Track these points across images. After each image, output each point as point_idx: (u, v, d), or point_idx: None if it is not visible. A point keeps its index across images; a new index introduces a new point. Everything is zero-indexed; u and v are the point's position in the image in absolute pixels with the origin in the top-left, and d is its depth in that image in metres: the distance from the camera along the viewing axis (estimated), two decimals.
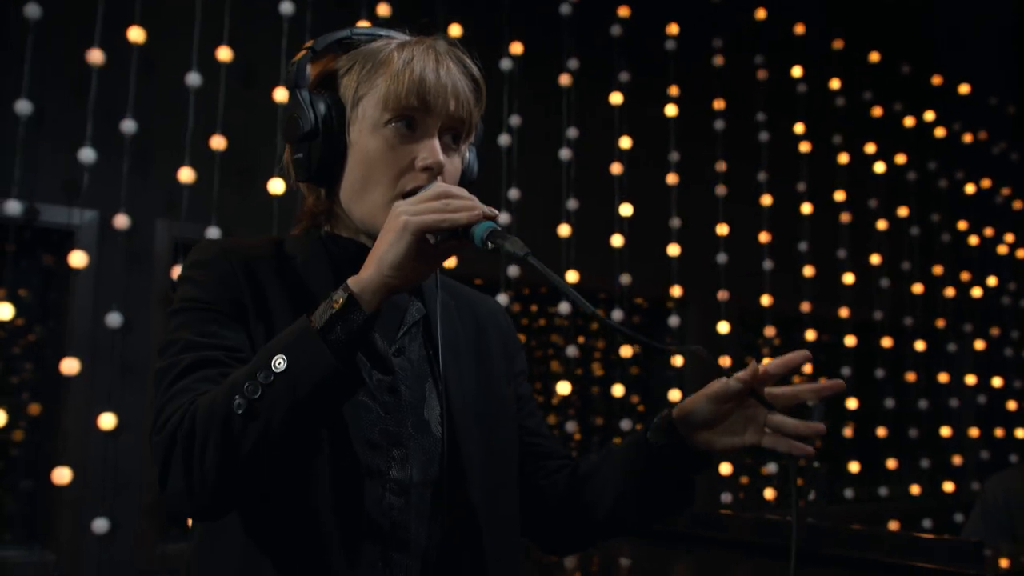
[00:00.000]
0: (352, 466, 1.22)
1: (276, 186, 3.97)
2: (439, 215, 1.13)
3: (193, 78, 3.89)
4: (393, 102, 1.26)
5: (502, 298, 4.27)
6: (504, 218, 4.49)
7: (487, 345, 1.46)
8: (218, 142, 3.96)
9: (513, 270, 4.32)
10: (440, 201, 1.15)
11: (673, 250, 5.01)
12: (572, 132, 4.76)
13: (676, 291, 5.00)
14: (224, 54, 3.96)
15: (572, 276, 4.61)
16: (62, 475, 3.57)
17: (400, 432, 1.29)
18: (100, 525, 3.60)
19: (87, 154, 3.70)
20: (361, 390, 1.22)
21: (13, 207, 3.61)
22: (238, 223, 4.00)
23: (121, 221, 3.80)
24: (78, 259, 3.71)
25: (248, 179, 4.13)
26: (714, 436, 1.30)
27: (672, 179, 5.07)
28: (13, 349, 3.94)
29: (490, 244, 1.14)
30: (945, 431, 6.00)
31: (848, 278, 5.70)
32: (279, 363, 1.08)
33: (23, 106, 3.65)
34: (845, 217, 5.79)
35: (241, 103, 4.07)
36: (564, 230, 4.67)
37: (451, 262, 3.57)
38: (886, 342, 5.77)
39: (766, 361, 1.22)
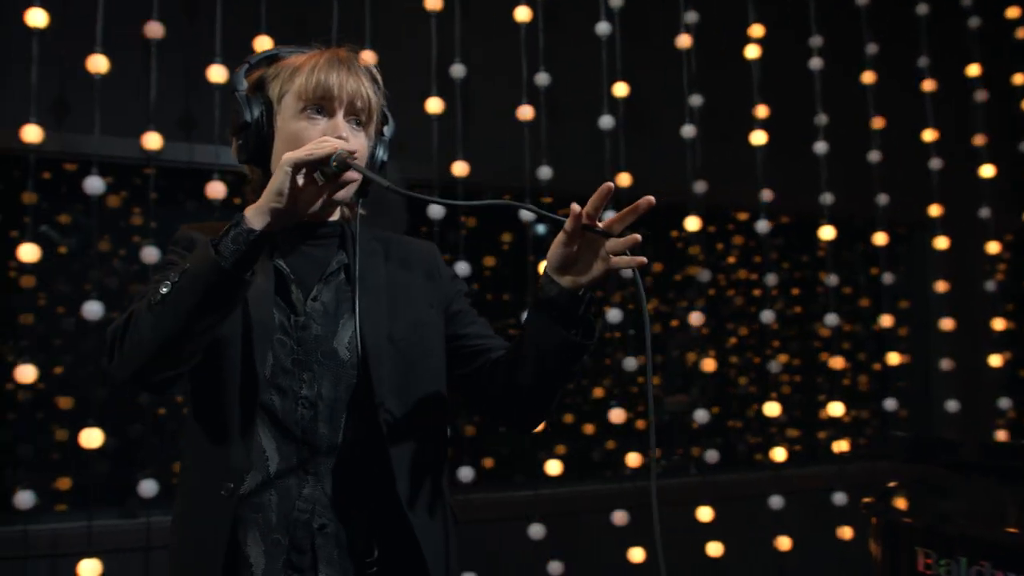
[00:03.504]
0: (267, 387, 1.61)
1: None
2: (305, 151, 1.49)
3: None
4: (304, 95, 1.65)
5: None
6: (760, 137, 4.13)
7: (409, 280, 1.78)
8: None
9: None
10: (312, 144, 1.51)
11: (935, 163, 4.54)
12: (816, 40, 4.34)
13: (935, 210, 4.55)
14: None
15: (828, 197, 4.22)
16: None
17: (308, 360, 1.65)
18: None
19: None
20: (277, 331, 1.64)
21: None
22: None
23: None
24: None
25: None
26: (577, 272, 1.57)
27: (929, 86, 4.59)
28: None
29: (335, 165, 1.49)
30: None
31: None
32: (183, 268, 1.46)
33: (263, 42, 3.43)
34: None
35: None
36: (820, 147, 4.27)
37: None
38: None
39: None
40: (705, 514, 3.94)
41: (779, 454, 4.11)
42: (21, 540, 3.16)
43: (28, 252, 3.13)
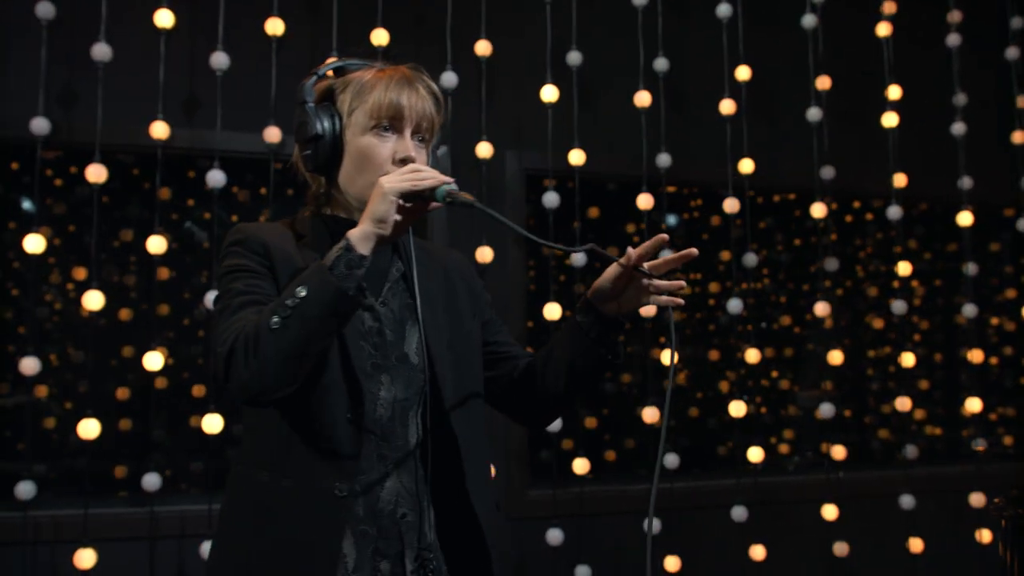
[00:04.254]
0: (354, 389, 1.68)
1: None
2: (410, 182, 1.58)
3: None
4: (375, 113, 1.72)
5: None
6: (891, 119, 3.94)
7: (454, 289, 1.91)
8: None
9: None
10: (411, 174, 1.60)
11: (1019, 137, 4.22)
12: (955, 15, 4.11)
13: None
14: None
15: (901, 179, 4.02)
16: None
17: (386, 364, 1.75)
18: None
19: (450, 78, 3.49)
20: (357, 334, 1.72)
21: None
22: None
23: (482, 150, 3.57)
24: None
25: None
26: (619, 305, 1.77)
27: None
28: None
29: (448, 199, 1.58)
30: None
31: None
32: (300, 292, 1.54)
33: (379, 35, 3.47)
34: None
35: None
36: (958, 128, 4.04)
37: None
38: None
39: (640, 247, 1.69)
40: (830, 512, 3.80)
41: (910, 451, 3.92)
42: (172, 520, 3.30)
43: (155, 244, 3.25)
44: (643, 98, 3.74)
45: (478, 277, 2.05)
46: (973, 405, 3.97)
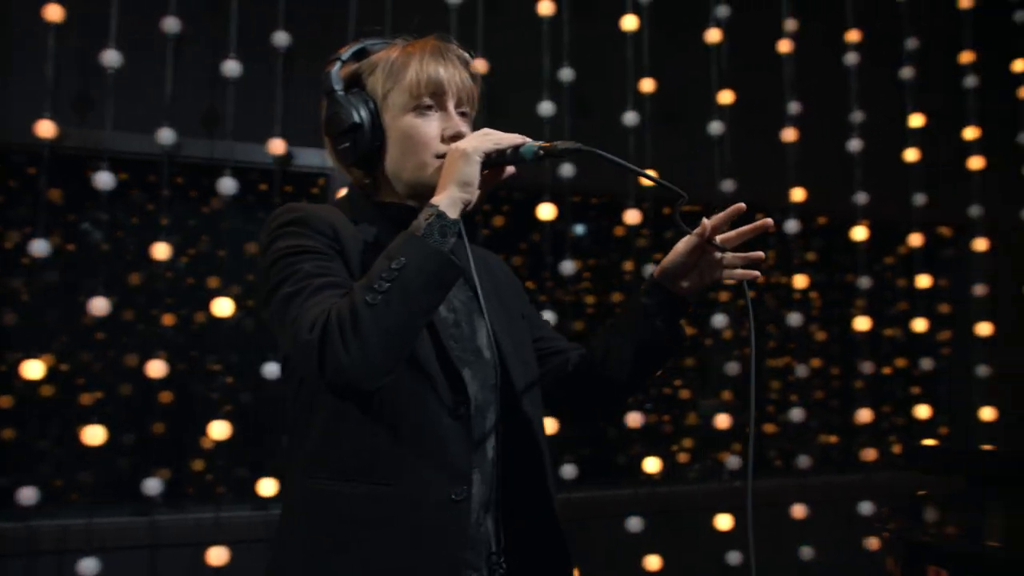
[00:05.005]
0: (455, 382, 1.55)
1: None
2: (492, 143, 1.49)
3: None
4: (416, 91, 1.60)
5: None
6: (790, 135, 4.01)
7: (502, 287, 1.81)
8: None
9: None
10: (487, 135, 1.51)
11: (976, 163, 4.38)
12: (853, 34, 4.22)
13: (975, 211, 4.40)
14: None
15: (799, 194, 4.11)
16: None
17: (466, 358, 1.61)
18: None
19: None
20: (440, 323, 1.57)
21: (275, 146, 3.38)
22: None
23: None
24: None
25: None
26: (689, 282, 1.67)
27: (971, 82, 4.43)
28: None
29: (541, 152, 1.48)
30: None
31: None
32: (396, 263, 1.40)
33: (281, 38, 3.40)
34: None
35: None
36: (855, 144, 4.14)
37: None
38: None
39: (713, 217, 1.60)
40: (725, 521, 3.85)
41: (803, 461, 4.00)
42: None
43: (39, 247, 3.13)
44: (547, 107, 3.74)
45: (515, 274, 1.94)
46: (864, 416, 4.06)
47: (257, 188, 3.69)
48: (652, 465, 3.77)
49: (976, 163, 4.41)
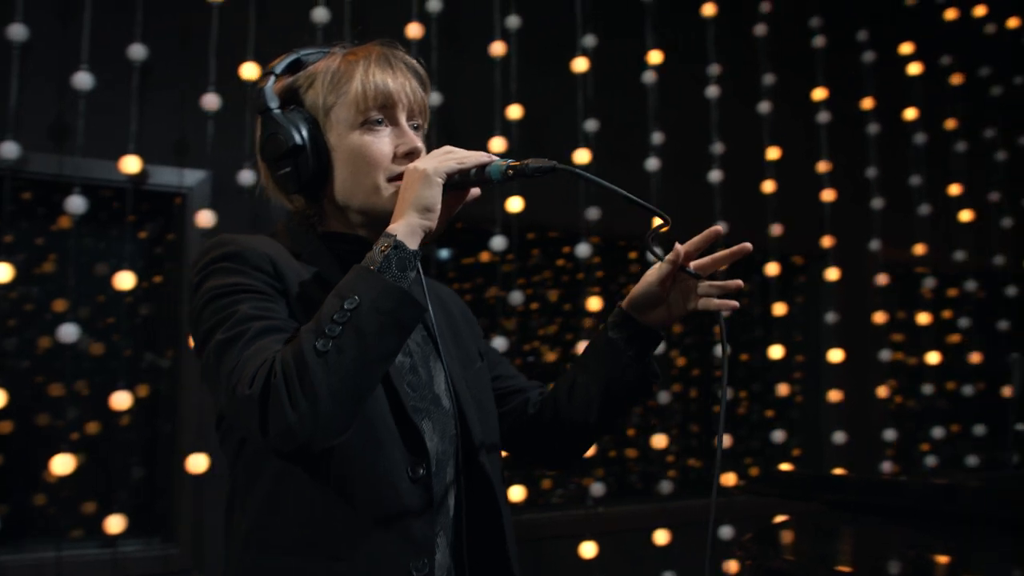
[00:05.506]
0: (412, 439, 1.39)
1: None
2: (455, 162, 1.35)
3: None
4: (363, 105, 1.44)
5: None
6: (653, 164, 4.09)
7: (455, 322, 1.65)
8: None
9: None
10: (449, 154, 1.37)
11: (828, 195, 4.55)
12: (714, 68, 4.33)
13: (827, 241, 4.57)
14: None
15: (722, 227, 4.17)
16: (197, 463, 3.20)
17: (424, 408, 1.45)
18: None
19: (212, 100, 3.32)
20: (392, 372, 1.39)
21: (129, 164, 3.24)
22: None
23: (245, 178, 3.41)
24: (205, 219, 3.32)
25: None
26: (661, 313, 1.55)
27: (824, 117, 4.61)
28: (132, 322, 3.56)
29: (510, 172, 1.35)
30: None
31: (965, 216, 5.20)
32: (349, 303, 1.23)
33: (137, 51, 3.27)
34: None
35: None
36: (715, 175, 4.25)
37: None
38: (1011, 290, 5.26)
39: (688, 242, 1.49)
40: (589, 549, 3.86)
41: (665, 487, 4.05)
42: None
43: None
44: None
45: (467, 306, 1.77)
46: (724, 440, 4.15)
47: (110, 207, 3.52)
48: (516, 493, 3.76)
49: (828, 195, 4.59)
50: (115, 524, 3.18)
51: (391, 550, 1.34)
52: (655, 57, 4.21)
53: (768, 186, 4.47)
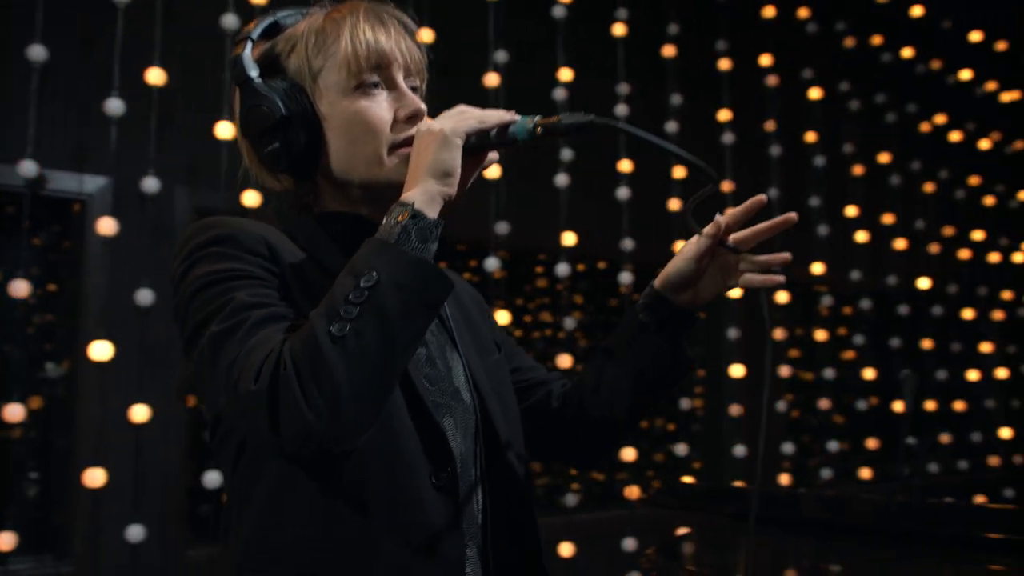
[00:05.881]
0: (434, 439, 1.23)
1: None
2: (476, 121, 1.19)
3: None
4: (355, 66, 1.28)
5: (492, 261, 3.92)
6: (563, 180, 4.12)
7: (468, 310, 1.50)
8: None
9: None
10: (464, 113, 1.21)
11: (674, 204, 4.66)
12: (623, 87, 4.40)
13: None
14: None
15: (570, 238, 4.23)
16: (95, 477, 3.11)
17: (445, 404, 1.29)
18: (135, 533, 3.14)
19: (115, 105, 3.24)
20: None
21: (27, 168, 3.14)
22: None
23: (149, 185, 3.34)
24: (107, 227, 3.24)
25: None
26: (698, 292, 1.41)
27: (728, 138, 4.73)
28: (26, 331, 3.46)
29: (540, 130, 1.19)
30: (959, 405, 5.74)
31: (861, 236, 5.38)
32: (366, 280, 1.08)
33: (37, 52, 3.18)
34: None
35: None
36: (622, 192, 4.31)
37: None
38: (903, 309, 5.47)
39: (728, 212, 1.36)
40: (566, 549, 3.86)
41: (570, 499, 4.08)
42: None
43: None
44: None
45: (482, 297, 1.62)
46: (627, 454, 4.20)
47: (4, 211, 3.41)
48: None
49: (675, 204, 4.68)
50: (5, 541, 3.07)
51: (415, 567, 1.18)
52: (566, 75, 4.26)
53: (674, 204, 4.55)
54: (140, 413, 3.19)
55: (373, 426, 1.11)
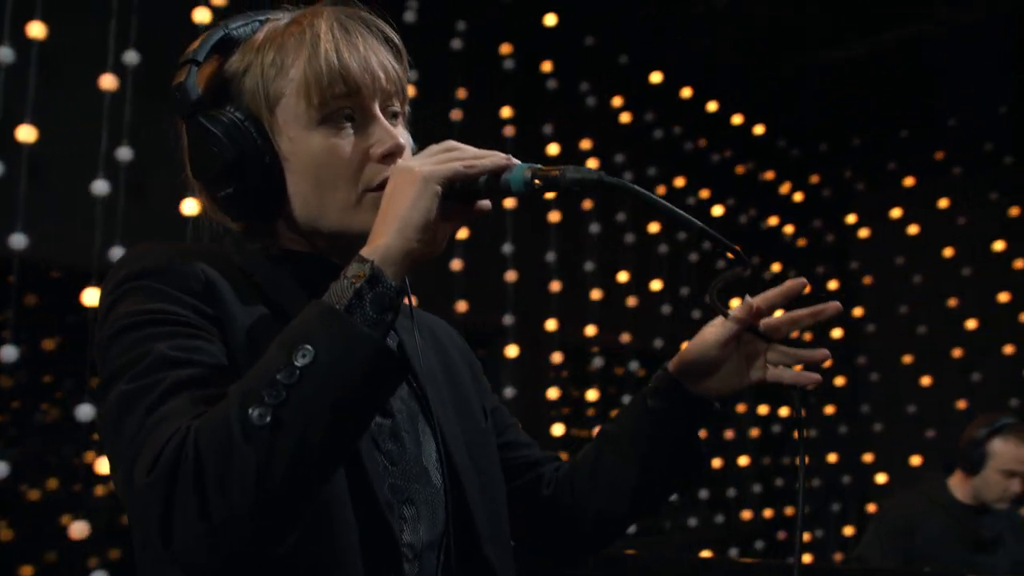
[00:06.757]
0: (380, 536, 1.03)
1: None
2: (461, 165, 0.99)
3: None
4: (318, 96, 1.06)
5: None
6: None
7: (454, 367, 1.29)
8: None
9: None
10: (451, 152, 1.01)
11: (511, 276, 4.79)
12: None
13: (508, 319, 4.81)
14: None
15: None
16: None
17: (407, 486, 1.09)
18: None
19: None
20: (363, 439, 1.04)
21: None
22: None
23: None
24: None
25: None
26: (718, 382, 1.24)
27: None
28: None
29: (538, 182, 0.99)
30: (716, 462, 6.03)
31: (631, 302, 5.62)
32: (301, 357, 0.88)
33: None
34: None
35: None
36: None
37: None
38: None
39: (762, 295, 1.20)
40: None
41: None
42: None
43: None
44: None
45: (471, 349, 1.39)
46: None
47: None
48: None
49: (511, 276, 4.81)
50: None
51: None
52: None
53: (456, 264, 4.64)
54: None
55: (293, 535, 0.92)
